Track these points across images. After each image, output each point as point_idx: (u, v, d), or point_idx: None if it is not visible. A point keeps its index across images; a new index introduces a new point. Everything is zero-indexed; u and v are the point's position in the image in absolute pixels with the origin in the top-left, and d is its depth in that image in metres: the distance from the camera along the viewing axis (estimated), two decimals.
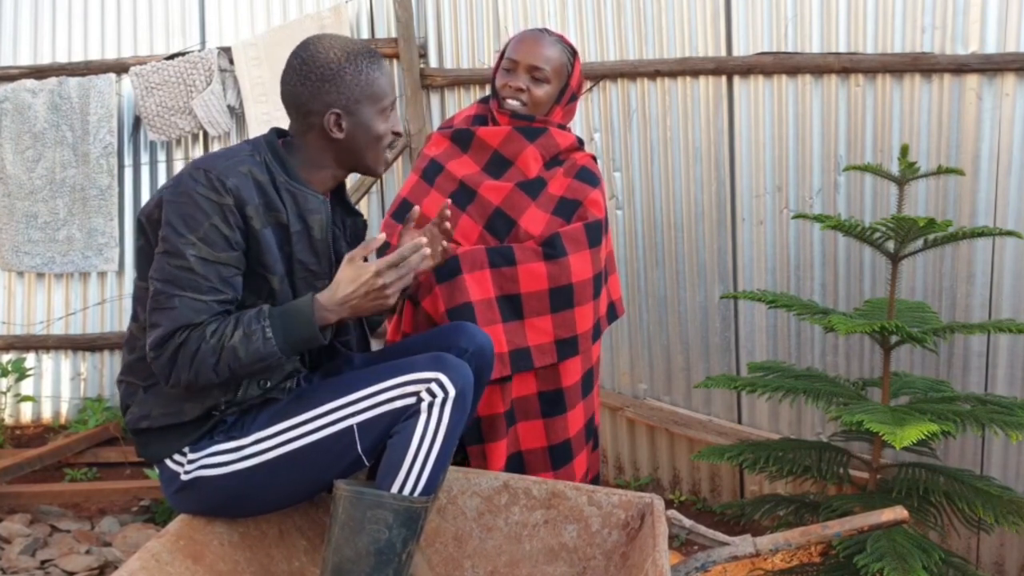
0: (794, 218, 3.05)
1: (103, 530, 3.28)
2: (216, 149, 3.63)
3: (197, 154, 4.05)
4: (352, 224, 1.94)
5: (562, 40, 2.34)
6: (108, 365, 4.18)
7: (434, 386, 1.71)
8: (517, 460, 2.25)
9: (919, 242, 2.45)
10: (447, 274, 2.15)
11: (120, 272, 4.11)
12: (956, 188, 2.82)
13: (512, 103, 2.30)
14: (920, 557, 2.12)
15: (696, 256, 3.31)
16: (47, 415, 4.22)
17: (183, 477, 1.75)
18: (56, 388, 4.22)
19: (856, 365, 3.05)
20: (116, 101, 3.97)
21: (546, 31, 2.34)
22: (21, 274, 4.17)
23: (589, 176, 2.35)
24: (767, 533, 1.98)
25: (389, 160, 1.71)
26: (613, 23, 3.36)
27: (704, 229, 3.28)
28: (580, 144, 2.42)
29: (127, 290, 4.12)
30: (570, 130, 2.42)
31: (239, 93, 3.85)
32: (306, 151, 1.81)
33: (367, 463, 1.77)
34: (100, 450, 3.81)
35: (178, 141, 4.04)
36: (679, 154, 3.30)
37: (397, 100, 1.83)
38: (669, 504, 3.08)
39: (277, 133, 1.85)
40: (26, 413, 4.22)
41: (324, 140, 1.80)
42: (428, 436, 1.70)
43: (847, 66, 2.92)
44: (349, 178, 3.70)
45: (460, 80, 3.66)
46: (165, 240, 1.65)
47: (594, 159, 2.44)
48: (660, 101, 3.31)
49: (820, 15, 2.98)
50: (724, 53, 3.17)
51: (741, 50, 3.13)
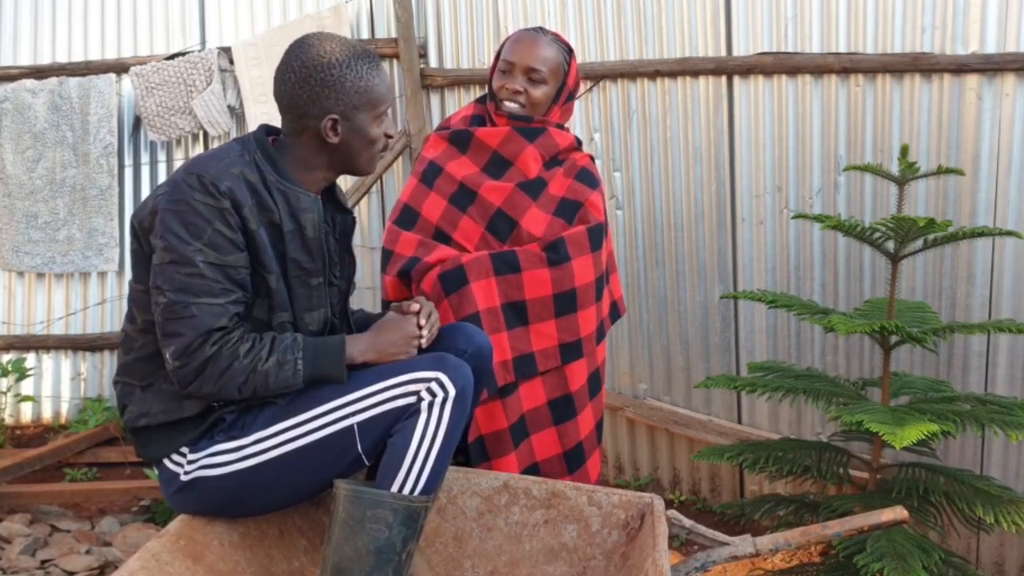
0: (794, 218, 3.05)
1: (103, 530, 3.28)
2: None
3: (197, 154, 4.04)
4: (342, 221, 1.93)
5: (558, 39, 2.33)
6: (108, 365, 4.18)
7: (434, 385, 1.71)
8: (533, 471, 2.25)
9: (919, 242, 2.45)
10: (454, 285, 2.14)
11: (120, 272, 4.10)
12: (956, 188, 2.82)
13: (510, 105, 2.29)
14: (920, 557, 2.12)
15: (696, 256, 3.31)
16: (47, 415, 4.22)
17: (183, 477, 1.74)
18: (56, 388, 4.22)
19: (856, 365, 3.05)
20: (116, 101, 3.97)
21: (542, 31, 2.32)
22: (21, 274, 4.17)
23: (589, 177, 2.35)
24: (767, 533, 1.98)
25: (385, 159, 1.70)
26: (613, 23, 3.36)
27: (704, 229, 3.28)
28: (579, 144, 2.42)
29: (127, 290, 4.11)
30: (568, 130, 2.41)
31: (239, 93, 3.85)
32: (298, 151, 1.79)
33: (367, 462, 1.77)
34: (100, 450, 3.81)
35: (178, 141, 4.04)
36: (679, 154, 3.30)
37: (396, 101, 1.82)
38: (669, 504, 3.08)
39: (266, 131, 1.82)
40: (26, 413, 4.22)
41: (318, 143, 1.78)
42: (428, 435, 1.70)
43: (847, 66, 2.92)
44: (349, 179, 3.71)
45: (460, 80, 3.66)
46: (170, 249, 1.64)
47: (592, 159, 2.43)
48: (660, 101, 3.31)
49: (820, 15, 2.98)
50: (724, 53, 3.17)
51: (741, 50, 3.13)
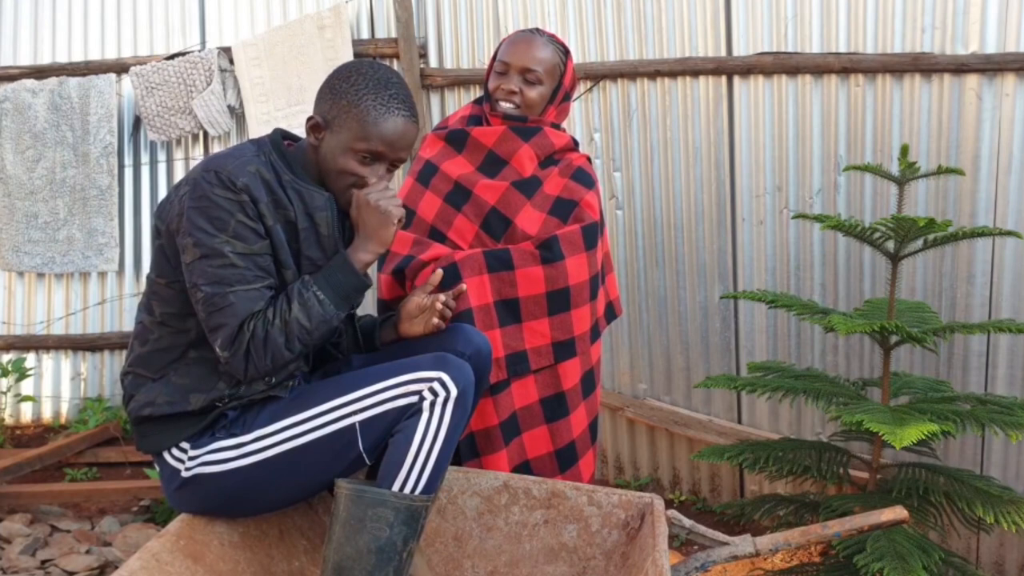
0: (794, 218, 3.05)
1: (103, 530, 3.28)
2: (216, 150, 3.63)
3: (197, 154, 4.05)
4: (350, 225, 1.94)
5: (554, 40, 2.33)
6: (108, 365, 4.18)
7: (436, 385, 1.72)
8: (524, 469, 2.24)
9: (919, 242, 2.45)
10: (447, 282, 2.15)
11: (120, 272, 4.11)
12: (956, 188, 2.82)
13: (505, 105, 2.30)
14: (920, 557, 2.12)
15: (696, 256, 3.31)
16: (47, 415, 4.22)
17: (184, 474, 1.75)
18: (56, 388, 4.22)
19: (856, 365, 3.05)
20: (116, 101, 3.97)
21: (538, 31, 2.33)
22: (21, 274, 4.17)
23: (584, 177, 2.34)
24: (767, 533, 1.98)
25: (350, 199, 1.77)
26: (613, 23, 3.36)
27: (704, 229, 3.28)
28: (575, 144, 2.42)
29: (127, 290, 4.12)
30: (564, 130, 2.42)
31: (239, 93, 3.85)
32: (305, 151, 1.85)
33: (368, 462, 1.77)
34: (100, 450, 3.81)
35: (178, 141, 4.04)
36: (679, 154, 3.30)
37: (391, 166, 1.84)
38: (669, 504, 3.08)
39: (281, 135, 1.87)
40: (26, 413, 4.21)
41: (310, 142, 1.83)
42: (430, 435, 1.70)
43: (847, 66, 2.92)
44: None
45: (460, 80, 3.66)
46: (200, 245, 1.67)
47: (589, 160, 2.44)
48: (660, 101, 3.31)
49: (820, 15, 2.98)
50: (724, 53, 3.17)
51: (741, 50, 3.13)
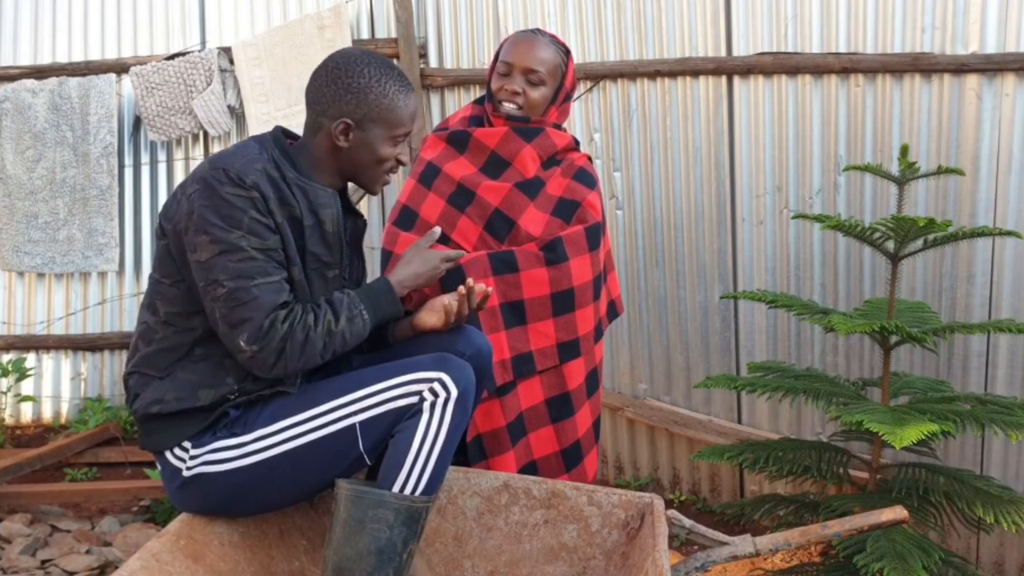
0: (794, 218, 3.05)
1: (103, 530, 3.28)
2: (217, 150, 3.63)
3: (197, 154, 4.05)
4: (352, 224, 1.96)
5: (555, 40, 2.34)
6: (108, 365, 4.18)
7: (437, 386, 1.72)
8: (531, 469, 2.26)
9: (919, 242, 2.45)
10: (452, 285, 2.15)
11: (120, 272, 4.11)
12: (956, 188, 2.82)
13: (508, 106, 2.30)
14: (920, 557, 2.12)
15: (696, 256, 3.31)
16: (47, 415, 4.22)
17: (185, 473, 1.75)
18: (56, 388, 4.22)
19: (856, 365, 3.05)
20: (116, 101, 3.97)
21: (539, 32, 2.34)
22: (21, 274, 4.17)
23: (587, 177, 2.35)
24: (767, 533, 1.98)
25: (388, 181, 1.81)
26: (613, 23, 3.36)
27: (704, 229, 3.28)
28: (576, 144, 2.42)
29: (127, 290, 4.12)
30: (566, 130, 2.42)
31: (239, 93, 3.85)
32: (313, 151, 1.85)
33: (369, 462, 1.77)
34: (100, 450, 3.81)
35: (178, 141, 4.04)
36: (679, 154, 3.30)
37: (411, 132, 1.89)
38: (669, 504, 3.09)
39: (283, 133, 1.87)
40: (26, 413, 4.21)
41: (329, 144, 1.83)
42: (430, 436, 1.70)
43: (847, 66, 2.92)
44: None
45: (460, 80, 3.66)
46: (217, 241, 1.68)
47: (590, 159, 2.44)
48: (660, 101, 3.31)
49: (820, 15, 2.98)
50: (724, 53, 3.17)
51: (741, 50, 3.13)
